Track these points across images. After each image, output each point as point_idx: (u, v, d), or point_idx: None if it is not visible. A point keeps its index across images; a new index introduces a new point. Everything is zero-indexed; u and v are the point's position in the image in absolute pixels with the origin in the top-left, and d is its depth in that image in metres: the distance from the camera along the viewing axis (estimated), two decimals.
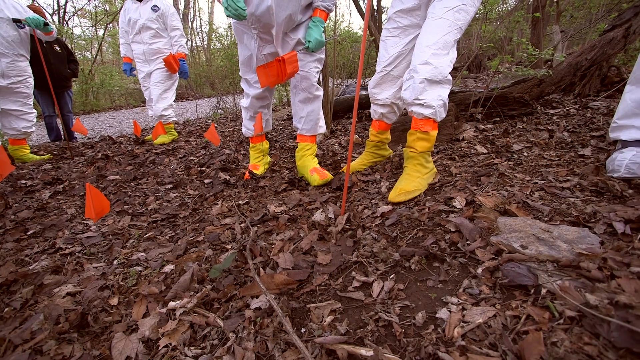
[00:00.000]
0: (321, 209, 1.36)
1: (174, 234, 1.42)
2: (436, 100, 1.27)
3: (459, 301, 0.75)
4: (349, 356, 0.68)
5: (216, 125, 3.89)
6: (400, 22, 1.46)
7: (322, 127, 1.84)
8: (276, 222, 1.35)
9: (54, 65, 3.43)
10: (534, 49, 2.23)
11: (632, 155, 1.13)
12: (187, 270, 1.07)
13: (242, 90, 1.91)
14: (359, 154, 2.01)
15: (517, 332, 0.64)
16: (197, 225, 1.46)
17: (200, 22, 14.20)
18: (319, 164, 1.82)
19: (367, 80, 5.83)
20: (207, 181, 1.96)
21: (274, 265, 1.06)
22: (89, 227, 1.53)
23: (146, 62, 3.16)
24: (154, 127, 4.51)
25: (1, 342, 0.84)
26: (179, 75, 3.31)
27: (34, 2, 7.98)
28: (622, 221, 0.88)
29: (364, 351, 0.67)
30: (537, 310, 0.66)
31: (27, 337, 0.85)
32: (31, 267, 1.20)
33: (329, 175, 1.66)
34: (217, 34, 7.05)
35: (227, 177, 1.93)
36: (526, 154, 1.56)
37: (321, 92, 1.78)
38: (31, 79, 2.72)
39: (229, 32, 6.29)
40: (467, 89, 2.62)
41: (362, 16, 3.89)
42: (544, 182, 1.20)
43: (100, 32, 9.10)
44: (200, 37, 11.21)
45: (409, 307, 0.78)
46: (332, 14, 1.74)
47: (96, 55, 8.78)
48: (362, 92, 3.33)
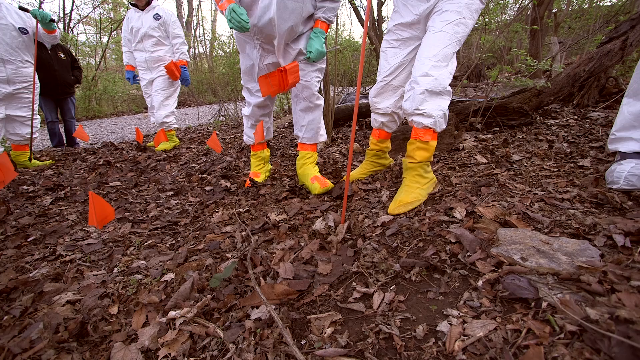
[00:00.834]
0: (321, 217, 1.36)
1: (174, 242, 1.42)
2: (436, 110, 1.28)
3: (459, 314, 0.74)
4: None
5: (218, 132, 3.91)
6: (400, 34, 1.49)
7: (323, 136, 1.86)
8: (277, 231, 1.35)
9: (58, 71, 3.47)
10: (533, 60, 2.25)
11: (630, 167, 1.13)
12: (187, 279, 1.07)
13: (244, 97, 1.93)
14: (360, 162, 2.02)
15: (518, 347, 0.63)
16: (198, 233, 1.46)
17: (203, 30, 14.39)
18: (319, 172, 1.83)
19: (367, 88, 5.88)
20: (208, 188, 1.97)
21: (274, 274, 1.06)
22: (89, 234, 1.53)
23: (148, 69, 3.20)
24: (155, 133, 4.54)
25: (0, 351, 0.84)
26: (180, 82, 3.35)
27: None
28: (622, 234, 0.88)
29: None
30: (538, 324, 0.66)
31: (26, 346, 0.85)
32: (31, 275, 1.20)
33: (329, 183, 1.67)
34: (220, 42, 7.14)
35: (228, 185, 1.94)
36: (526, 164, 1.57)
37: (322, 101, 1.80)
38: (37, 84, 2.75)
39: (232, 40, 6.37)
40: (467, 99, 2.64)
41: (363, 25, 3.94)
42: (543, 193, 1.21)
43: (104, 39, 9.22)
44: (203, 45, 11.34)
45: (410, 320, 0.78)
46: (333, 24, 1.76)
47: (100, 61, 8.87)
48: (363, 101, 3.36)
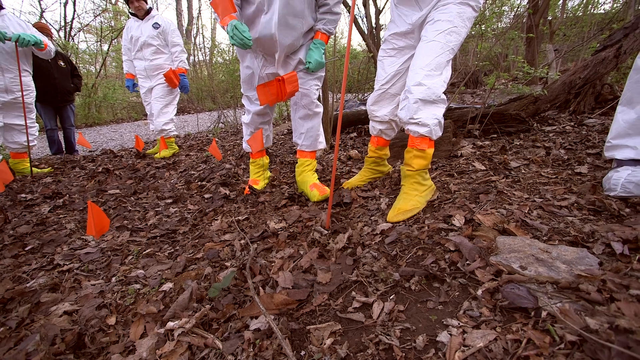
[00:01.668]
0: (319, 223, 1.36)
1: (173, 251, 1.42)
2: (431, 119, 1.29)
3: (459, 324, 0.74)
4: None
5: (217, 139, 3.92)
6: (396, 43, 1.51)
7: (322, 143, 1.87)
8: (276, 239, 1.34)
9: (57, 79, 3.49)
10: (530, 67, 2.28)
11: (627, 174, 1.14)
12: (185, 288, 1.07)
13: (243, 105, 1.94)
14: (359, 169, 2.03)
15: (518, 357, 0.63)
16: (197, 241, 1.46)
17: (202, 38, 14.53)
18: (318, 179, 1.83)
19: (366, 94, 5.92)
20: (207, 196, 1.97)
21: (273, 284, 1.06)
22: (87, 243, 1.52)
23: (148, 77, 3.22)
24: (154, 140, 4.55)
25: None
26: (179, 89, 3.37)
27: (41, 19, 8.18)
28: (620, 241, 0.89)
29: None
30: (538, 334, 0.66)
31: (22, 359, 0.84)
32: (28, 285, 1.19)
33: (328, 190, 1.67)
34: (219, 50, 7.21)
35: (227, 192, 1.93)
36: (524, 171, 1.58)
37: (321, 109, 1.81)
38: (33, 93, 2.76)
39: (231, 48, 6.43)
40: (465, 105, 2.67)
41: (362, 34, 3.99)
42: (541, 200, 1.21)
43: (105, 47, 9.29)
44: (202, 53, 11.44)
45: (410, 330, 0.77)
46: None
47: (100, 69, 8.93)
48: (362, 107, 3.39)
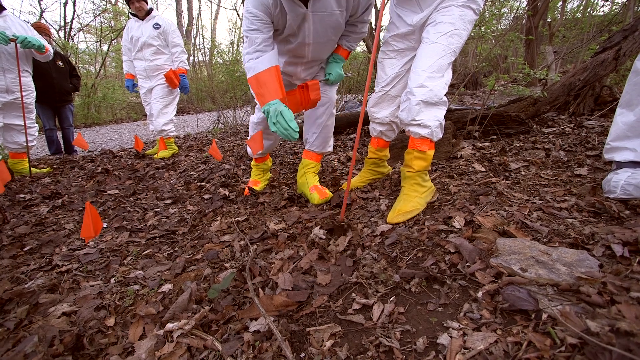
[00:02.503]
0: (319, 225, 1.36)
1: (172, 251, 1.41)
2: (432, 120, 1.29)
3: (459, 326, 0.74)
4: None
5: (217, 140, 3.92)
6: (396, 45, 1.51)
7: (331, 147, 1.87)
8: (275, 240, 1.34)
9: (56, 79, 3.49)
10: (529, 69, 2.29)
11: (627, 176, 1.14)
12: (185, 289, 1.06)
13: (242, 104, 1.93)
14: (359, 170, 2.03)
15: None
16: (196, 242, 1.45)
17: (202, 38, 14.54)
18: (318, 180, 1.83)
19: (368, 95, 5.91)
20: (206, 197, 1.96)
21: (273, 285, 1.05)
22: (86, 243, 1.52)
23: (147, 78, 3.22)
24: (154, 141, 4.54)
25: None
26: (179, 90, 3.37)
27: (40, 19, 8.18)
28: (620, 243, 0.89)
29: None
30: (539, 336, 0.66)
31: None
32: (27, 286, 1.19)
33: (329, 193, 1.67)
34: (219, 50, 7.21)
35: (227, 193, 1.93)
36: (523, 172, 1.58)
37: (334, 111, 1.81)
38: (33, 94, 2.76)
39: (231, 49, 6.43)
40: (465, 107, 2.67)
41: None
42: (541, 202, 1.21)
43: (104, 47, 9.29)
44: (202, 53, 11.45)
45: (410, 332, 0.77)
46: None
47: (99, 69, 8.92)
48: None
